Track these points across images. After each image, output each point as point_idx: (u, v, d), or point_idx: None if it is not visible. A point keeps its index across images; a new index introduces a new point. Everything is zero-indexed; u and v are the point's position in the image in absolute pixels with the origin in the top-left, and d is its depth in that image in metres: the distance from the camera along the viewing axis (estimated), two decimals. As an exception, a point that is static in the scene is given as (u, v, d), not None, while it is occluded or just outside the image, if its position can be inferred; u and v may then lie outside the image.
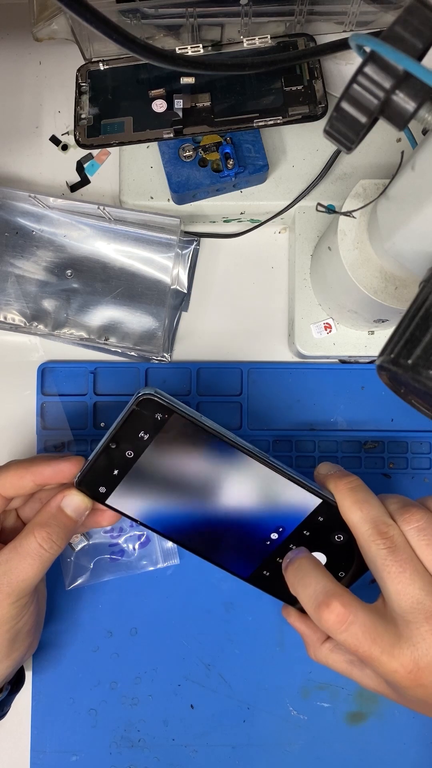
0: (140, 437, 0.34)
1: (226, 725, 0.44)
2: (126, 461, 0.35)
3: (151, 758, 0.44)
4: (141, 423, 0.34)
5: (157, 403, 0.33)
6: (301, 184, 0.45)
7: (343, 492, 0.34)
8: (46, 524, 0.35)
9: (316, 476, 0.36)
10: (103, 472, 0.35)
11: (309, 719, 0.45)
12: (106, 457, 0.35)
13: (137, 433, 0.34)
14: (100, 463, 0.35)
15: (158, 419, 0.33)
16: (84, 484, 0.36)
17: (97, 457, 0.35)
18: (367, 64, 0.23)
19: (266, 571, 0.38)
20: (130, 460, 0.35)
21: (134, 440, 0.34)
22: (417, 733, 0.45)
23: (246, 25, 0.42)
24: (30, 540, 0.35)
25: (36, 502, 0.39)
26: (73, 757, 0.44)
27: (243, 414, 0.46)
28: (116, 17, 0.40)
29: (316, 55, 0.40)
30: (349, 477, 0.34)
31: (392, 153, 0.45)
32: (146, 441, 0.34)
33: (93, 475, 0.35)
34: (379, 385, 0.46)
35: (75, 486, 0.36)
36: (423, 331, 0.26)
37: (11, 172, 0.48)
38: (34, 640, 0.39)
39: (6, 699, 0.40)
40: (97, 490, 0.36)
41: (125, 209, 0.44)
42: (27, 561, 0.34)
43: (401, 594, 0.30)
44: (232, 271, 0.48)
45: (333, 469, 0.36)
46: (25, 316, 0.45)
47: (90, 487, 0.36)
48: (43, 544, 0.35)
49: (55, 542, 0.35)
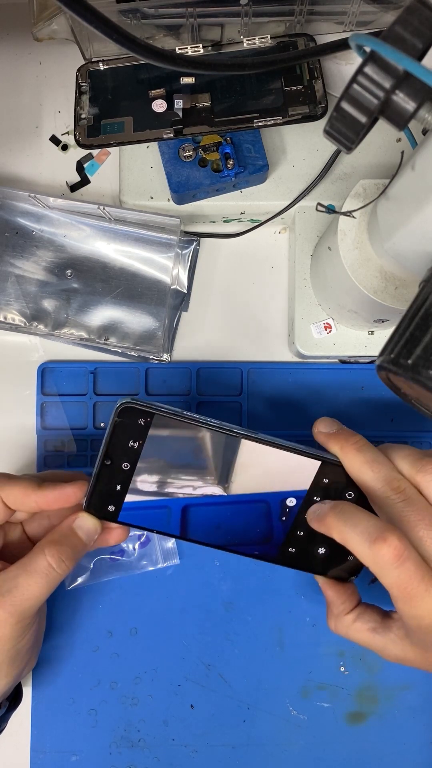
0: (131, 447, 0.35)
1: (226, 725, 0.44)
2: (125, 474, 0.35)
3: (151, 758, 0.44)
4: (127, 433, 0.34)
5: (137, 409, 0.34)
6: (301, 184, 0.45)
7: (351, 453, 0.33)
8: (57, 543, 0.35)
9: (315, 435, 0.35)
10: (107, 491, 0.36)
11: (309, 719, 0.45)
12: (105, 475, 0.35)
13: (127, 443, 0.34)
14: (102, 483, 0.35)
15: (142, 424, 0.34)
16: (92, 507, 0.36)
17: (96, 479, 0.35)
18: (367, 64, 0.23)
19: (291, 548, 0.37)
20: (129, 471, 0.35)
21: (126, 451, 0.35)
22: (417, 733, 0.45)
23: (246, 25, 0.42)
24: (40, 558, 0.35)
25: (43, 518, 0.39)
26: (73, 757, 0.44)
27: (243, 414, 0.46)
28: (116, 17, 0.40)
29: (316, 55, 0.40)
30: (354, 436, 0.34)
31: (392, 153, 0.45)
32: (138, 449, 0.35)
33: (98, 497, 0.36)
34: (379, 385, 0.46)
35: (84, 510, 0.36)
36: (423, 331, 0.26)
37: (11, 172, 0.48)
38: (33, 657, 0.39)
39: (4, 716, 0.40)
40: (106, 510, 0.36)
41: (125, 209, 0.44)
42: (34, 579, 0.34)
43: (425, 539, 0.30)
44: (232, 271, 0.48)
45: (333, 426, 0.35)
46: (25, 316, 0.45)
47: (98, 508, 0.36)
48: (52, 563, 0.34)
49: (64, 562, 0.35)
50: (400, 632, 0.33)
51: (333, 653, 0.45)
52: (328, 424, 0.35)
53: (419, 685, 0.45)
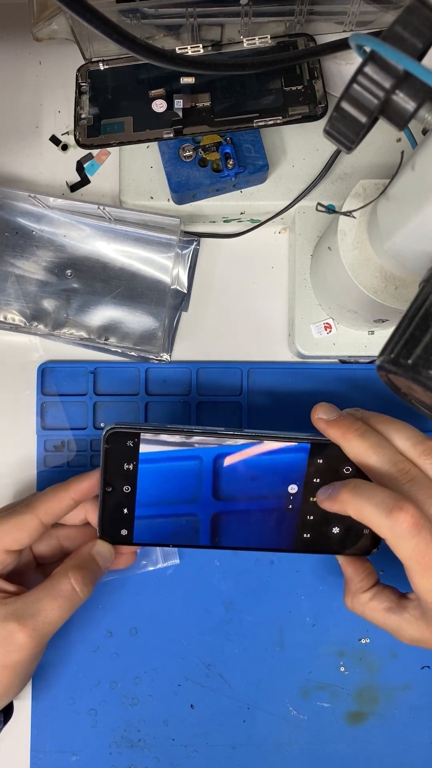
0: (126, 469, 0.36)
1: (226, 725, 0.44)
2: (128, 496, 0.36)
3: (151, 758, 0.44)
4: (119, 457, 0.35)
5: (122, 433, 0.35)
6: (301, 184, 0.45)
7: (355, 440, 0.34)
8: (81, 568, 0.36)
9: (315, 421, 0.36)
10: (115, 516, 0.37)
11: (309, 719, 0.45)
12: (110, 501, 0.36)
13: (122, 467, 0.35)
14: (108, 510, 0.36)
15: (131, 446, 0.35)
16: (106, 534, 0.37)
17: (103, 507, 0.36)
18: (367, 64, 0.23)
19: (306, 534, 0.38)
20: (131, 493, 0.36)
21: (123, 475, 0.36)
22: (417, 733, 0.45)
23: (246, 25, 0.42)
24: (64, 582, 0.35)
25: (52, 538, 0.39)
26: (73, 757, 0.44)
27: (243, 414, 0.46)
28: (116, 17, 0.40)
29: (316, 55, 0.40)
30: (355, 423, 0.34)
31: (392, 153, 0.45)
32: (133, 470, 0.36)
33: (109, 523, 0.37)
34: (379, 385, 0.46)
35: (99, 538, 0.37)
36: (423, 331, 0.26)
37: (11, 172, 0.48)
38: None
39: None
40: (119, 535, 0.37)
41: (125, 209, 0.44)
42: (59, 603, 0.35)
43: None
44: (232, 271, 0.48)
45: (332, 412, 0.35)
46: (25, 316, 0.45)
47: (112, 534, 0.37)
48: (77, 587, 0.35)
49: (87, 586, 0.35)
50: (416, 612, 0.33)
51: (333, 653, 0.45)
52: (327, 410, 0.35)
53: (419, 685, 0.45)
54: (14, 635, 0.34)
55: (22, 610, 0.34)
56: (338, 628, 0.45)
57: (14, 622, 0.34)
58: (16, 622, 0.34)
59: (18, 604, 0.34)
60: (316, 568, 0.45)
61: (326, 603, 0.45)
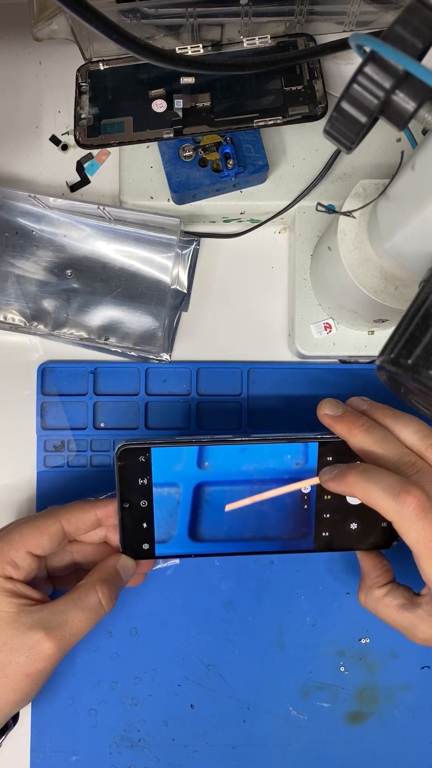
0: (141, 484, 0.36)
1: (226, 725, 0.44)
2: (146, 511, 0.37)
3: (151, 758, 0.44)
4: (133, 473, 0.36)
5: (133, 449, 0.36)
6: (301, 184, 0.45)
7: (360, 435, 0.34)
8: (107, 581, 0.36)
9: (320, 417, 0.36)
10: (136, 531, 0.37)
11: (309, 719, 0.45)
12: (128, 517, 0.37)
13: (136, 482, 0.36)
14: (128, 526, 0.37)
15: (143, 461, 0.36)
16: (128, 549, 0.37)
17: (122, 523, 0.37)
18: (367, 64, 0.23)
19: (324, 532, 0.38)
20: (148, 507, 0.37)
21: (139, 490, 0.36)
22: (417, 733, 0.45)
23: (246, 25, 0.42)
24: (92, 595, 0.35)
25: (66, 552, 0.39)
26: (73, 757, 0.44)
27: (243, 414, 0.46)
28: (116, 17, 0.40)
29: (316, 55, 0.40)
30: (361, 419, 0.34)
31: (392, 153, 0.45)
32: (148, 485, 0.36)
33: (130, 538, 0.37)
34: (379, 385, 0.46)
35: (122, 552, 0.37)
36: (423, 331, 0.26)
37: (11, 172, 0.48)
38: None
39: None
40: (141, 549, 0.37)
41: (125, 209, 0.44)
42: (85, 615, 0.35)
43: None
44: (232, 271, 0.48)
45: (338, 408, 0.35)
46: (25, 316, 0.45)
47: (134, 549, 0.37)
48: (102, 600, 0.35)
49: (112, 600, 0.36)
50: (429, 608, 0.33)
51: (333, 653, 0.45)
52: (333, 406, 0.36)
53: (419, 685, 0.45)
54: (41, 644, 0.34)
55: (48, 619, 0.34)
56: (338, 628, 0.45)
57: (41, 631, 0.34)
58: (43, 632, 0.34)
59: (44, 614, 0.34)
60: (316, 568, 0.45)
61: (326, 603, 0.45)
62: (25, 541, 0.36)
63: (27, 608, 0.34)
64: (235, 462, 0.37)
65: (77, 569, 0.40)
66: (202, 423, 0.46)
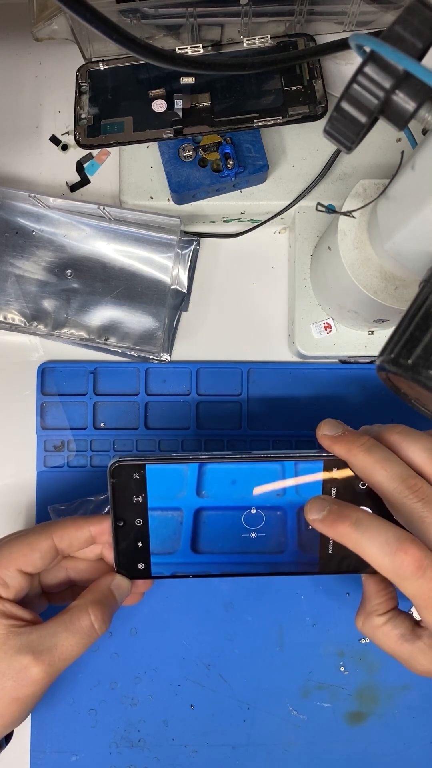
0: (136, 502, 0.35)
1: (226, 725, 0.44)
2: (141, 530, 0.35)
3: (151, 758, 0.44)
4: (127, 490, 0.34)
5: (127, 465, 0.34)
6: (301, 184, 0.45)
7: (360, 455, 0.32)
8: (100, 603, 0.34)
9: (320, 438, 0.34)
10: (131, 550, 0.35)
11: (309, 719, 0.45)
12: (123, 536, 0.35)
13: (131, 499, 0.34)
14: (123, 545, 0.35)
15: (138, 477, 0.34)
16: (123, 568, 0.36)
17: (117, 542, 0.35)
18: (367, 64, 0.23)
19: (328, 554, 0.36)
20: (143, 526, 0.35)
21: (133, 508, 0.35)
22: (417, 733, 0.45)
23: (246, 25, 0.42)
24: (84, 618, 0.33)
25: (60, 569, 0.38)
26: (73, 757, 0.44)
27: (243, 414, 0.46)
28: (116, 17, 0.40)
29: (316, 55, 0.40)
30: (361, 438, 0.32)
31: (392, 153, 0.45)
32: (143, 502, 0.35)
33: (125, 557, 0.36)
34: (379, 385, 0.45)
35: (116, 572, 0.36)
36: (423, 331, 0.26)
37: (11, 172, 0.48)
38: None
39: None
40: (137, 569, 0.36)
41: (125, 209, 0.44)
42: (76, 639, 0.33)
43: None
44: (232, 271, 0.48)
45: (338, 428, 0.33)
46: (25, 316, 0.45)
47: (129, 568, 0.36)
48: (95, 624, 0.34)
49: (105, 624, 0.34)
50: (430, 641, 0.32)
51: (333, 653, 0.45)
52: (332, 426, 0.34)
53: (419, 685, 0.45)
54: (28, 669, 0.32)
55: (37, 643, 0.33)
56: (338, 628, 0.45)
57: (29, 655, 0.32)
58: (32, 656, 0.32)
59: (33, 636, 0.33)
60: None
61: (326, 603, 0.45)
62: (15, 558, 0.34)
63: (16, 630, 0.33)
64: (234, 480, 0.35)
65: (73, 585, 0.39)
66: (201, 423, 0.46)
